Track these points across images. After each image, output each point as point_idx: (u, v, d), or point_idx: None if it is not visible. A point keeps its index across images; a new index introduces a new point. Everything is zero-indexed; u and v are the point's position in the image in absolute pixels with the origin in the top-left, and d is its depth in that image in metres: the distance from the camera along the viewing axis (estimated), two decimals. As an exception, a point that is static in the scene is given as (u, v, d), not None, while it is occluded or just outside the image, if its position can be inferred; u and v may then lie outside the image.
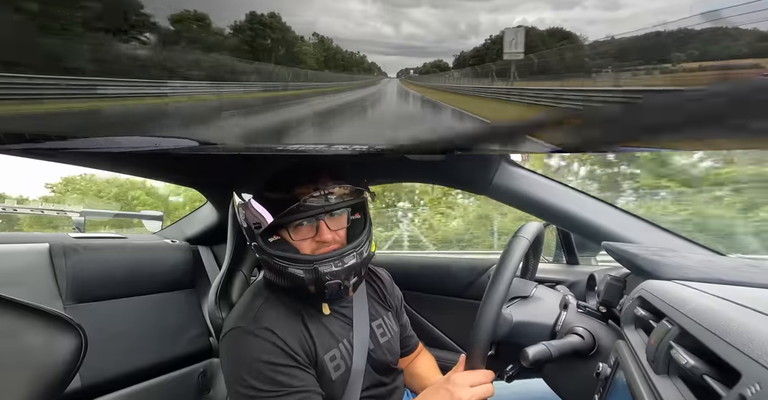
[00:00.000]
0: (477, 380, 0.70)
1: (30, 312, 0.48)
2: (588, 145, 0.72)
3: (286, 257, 0.75)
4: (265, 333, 0.74)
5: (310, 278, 0.74)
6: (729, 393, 0.32)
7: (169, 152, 0.66)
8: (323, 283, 0.74)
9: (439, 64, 0.56)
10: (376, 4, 0.49)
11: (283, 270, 0.76)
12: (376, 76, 0.60)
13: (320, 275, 0.74)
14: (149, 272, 1.34)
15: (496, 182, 1.12)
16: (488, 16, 0.50)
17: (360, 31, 0.51)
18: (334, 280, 0.74)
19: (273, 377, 0.72)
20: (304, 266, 0.74)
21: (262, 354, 0.73)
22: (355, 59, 0.57)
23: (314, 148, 0.80)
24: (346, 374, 0.81)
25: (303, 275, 0.74)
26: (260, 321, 0.76)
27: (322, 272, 0.74)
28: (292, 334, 0.77)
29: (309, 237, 0.78)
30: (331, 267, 0.74)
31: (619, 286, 0.75)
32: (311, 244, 0.78)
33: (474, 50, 0.53)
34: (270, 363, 0.72)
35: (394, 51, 0.55)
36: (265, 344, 0.74)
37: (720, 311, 0.42)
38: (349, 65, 0.58)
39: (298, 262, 0.75)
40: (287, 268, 0.75)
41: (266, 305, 0.79)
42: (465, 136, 0.68)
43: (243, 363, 0.73)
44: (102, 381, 1.11)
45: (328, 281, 0.74)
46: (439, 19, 0.50)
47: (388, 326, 0.95)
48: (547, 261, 1.52)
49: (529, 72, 0.56)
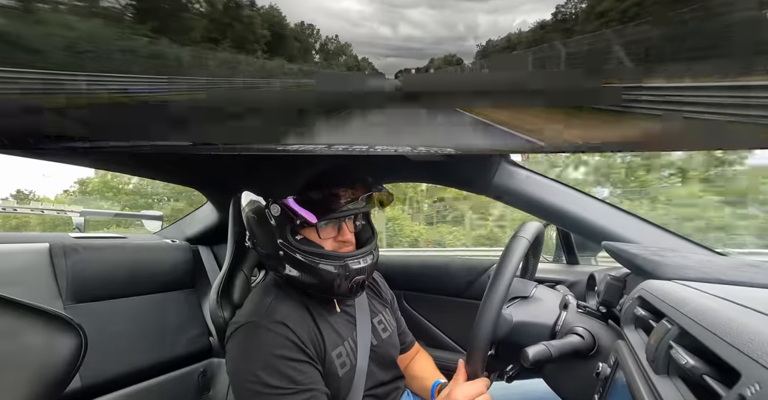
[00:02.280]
0: (476, 391, 0.70)
1: (30, 312, 0.49)
2: (585, 144, 0.72)
3: (319, 253, 0.79)
4: (279, 327, 0.75)
5: (341, 274, 0.78)
6: (729, 393, 0.32)
7: (170, 152, 0.66)
8: (352, 278, 0.79)
9: (451, 60, 0.56)
10: (374, 4, 0.49)
11: (314, 266, 0.78)
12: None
13: (351, 270, 0.79)
14: (149, 272, 1.34)
15: (496, 182, 1.12)
16: (487, 17, 0.50)
17: (356, 32, 0.51)
18: (360, 276, 0.80)
19: (285, 371, 0.72)
20: (337, 261, 0.79)
21: (275, 348, 0.74)
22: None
23: (314, 149, 0.80)
24: (351, 372, 0.83)
25: (335, 271, 0.78)
26: (273, 315, 0.77)
27: (352, 268, 0.79)
28: (303, 329, 0.78)
29: (332, 236, 0.83)
30: (359, 263, 0.80)
31: (619, 286, 0.75)
32: (333, 243, 0.83)
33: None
34: (283, 357, 0.73)
35: (392, 52, 0.55)
36: (279, 338, 0.75)
37: (720, 311, 0.42)
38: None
39: (330, 258, 0.79)
40: (318, 264, 0.78)
41: (277, 301, 0.81)
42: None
43: (256, 357, 0.74)
44: (102, 381, 1.11)
45: (356, 276, 0.79)
46: (437, 20, 0.50)
47: (388, 322, 0.97)
48: (547, 261, 1.52)
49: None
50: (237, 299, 0.98)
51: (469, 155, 1.12)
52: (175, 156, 1.12)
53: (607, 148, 0.80)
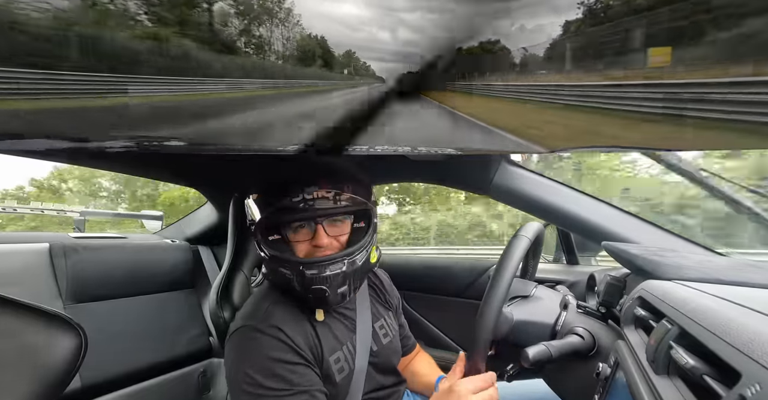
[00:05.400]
0: (479, 385, 0.69)
1: (30, 312, 0.49)
2: (582, 145, 0.72)
3: (277, 256, 0.76)
4: (274, 331, 0.75)
5: (297, 281, 0.75)
6: (729, 393, 0.32)
7: (170, 152, 0.66)
8: (309, 287, 0.74)
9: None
10: (371, 8, 0.49)
11: (275, 269, 0.77)
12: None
13: (306, 278, 0.73)
14: (149, 272, 1.34)
15: (496, 182, 1.12)
16: (486, 21, 0.50)
17: (354, 36, 0.51)
18: (318, 285, 0.74)
19: (281, 374, 0.72)
20: (292, 267, 0.75)
21: (270, 351, 0.74)
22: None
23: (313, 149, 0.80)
24: (349, 377, 0.82)
25: (291, 277, 0.75)
26: (269, 319, 0.77)
27: (308, 275, 0.73)
28: (300, 333, 0.77)
29: (305, 240, 0.78)
30: (316, 272, 0.73)
31: (619, 286, 0.75)
32: (307, 247, 0.78)
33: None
34: (278, 360, 0.73)
35: (391, 57, 0.54)
36: (274, 342, 0.74)
37: (720, 311, 0.42)
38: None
39: (288, 263, 0.75)
40: (278, 267, 0.76)
41: (275, 306, 0.80)
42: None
43: (251, 360, 0.74)
44: (102, 381, 1.11)
45: (313, 286, 0.74)
46: (436, 24, 0.50)
47: (390, 326, 0.95)
48: (547, 261, 1.52)
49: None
50: (237, 299, 0.98)
51: (469, 155, 1.12)
52: (175, 156, 1.12)
53: (607, 149, 0.80)
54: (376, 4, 0.50)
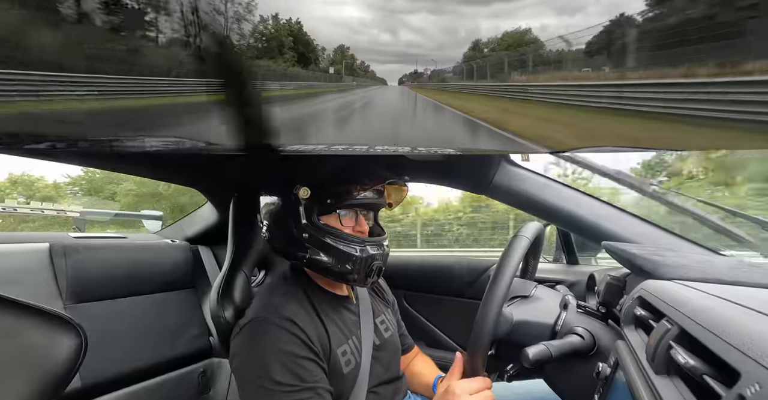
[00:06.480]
0: (476, 387, 0.70)
1: (30, 312, 0.48)
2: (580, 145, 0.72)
3: (343, 235, 0.82)
4: (287, 324, 0.76)
5: (361, 257, 0.82)
6: (729, 393, 0.32)
7: (170, 152, 0.66)
8: (371, 262, 0.83)
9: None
10: (374, 11, 0.49)
11: (337, 247, 0.82)
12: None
13: (370, 254, 0.83)
14: (149, 272, 1.34)
15: (496, 182, 1.12)
16: (488, 22, 0.50)
17: (357, 39, 0.51)
18: (378, 261, 0.84)
19: (292, 368, 0.73)
20: (359, 245, 0.82)
21: (284, 344, 0.74)
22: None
23: (314, 149, 0.80)
24: (355, 370, 0.83)
25: (357, 253, 0.81)
26: (282, 312, 0.78)
27: (371, 252, 0.83)
28: (310, 325, 0.79)
29: (351, 225, 0.86)
30: (377, 249, 0.84)
31: (619, 286, 0.75)
32: (351, 231, 0.86)
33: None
34: (291, 354, 0.74)
35: (393, 59, 0.54)
36: (287, 335, 0.75)
37: (720, 311, 0.42)
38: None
39: (352, 241, 0.82)
40: (341, 245, 0.82)
41: (286, 299, 0.82)
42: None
43: (263, 353, 0.74)
44: (102, 381, 1.11)
45: (375, 261, 0.83)
46: (439, 25, 0.50)
47: (390, 322, 0.98)
48: (547, 261, 1.52)
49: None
50: (238, 298, 0.98)
51: (469, 155, 1.12)
52: (175, 156, 1.12)
53: (608, 149, 0.80)
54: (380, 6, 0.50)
